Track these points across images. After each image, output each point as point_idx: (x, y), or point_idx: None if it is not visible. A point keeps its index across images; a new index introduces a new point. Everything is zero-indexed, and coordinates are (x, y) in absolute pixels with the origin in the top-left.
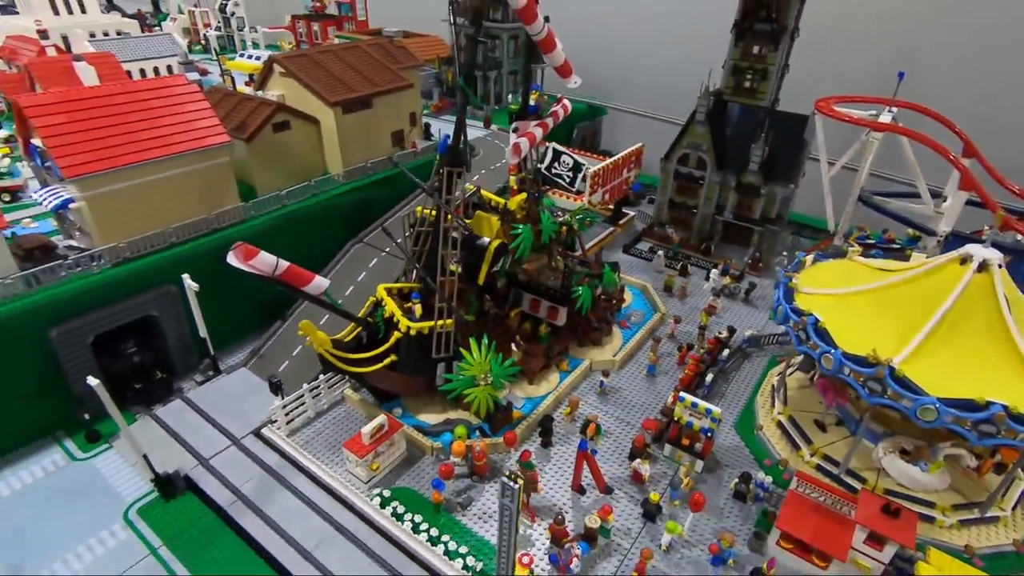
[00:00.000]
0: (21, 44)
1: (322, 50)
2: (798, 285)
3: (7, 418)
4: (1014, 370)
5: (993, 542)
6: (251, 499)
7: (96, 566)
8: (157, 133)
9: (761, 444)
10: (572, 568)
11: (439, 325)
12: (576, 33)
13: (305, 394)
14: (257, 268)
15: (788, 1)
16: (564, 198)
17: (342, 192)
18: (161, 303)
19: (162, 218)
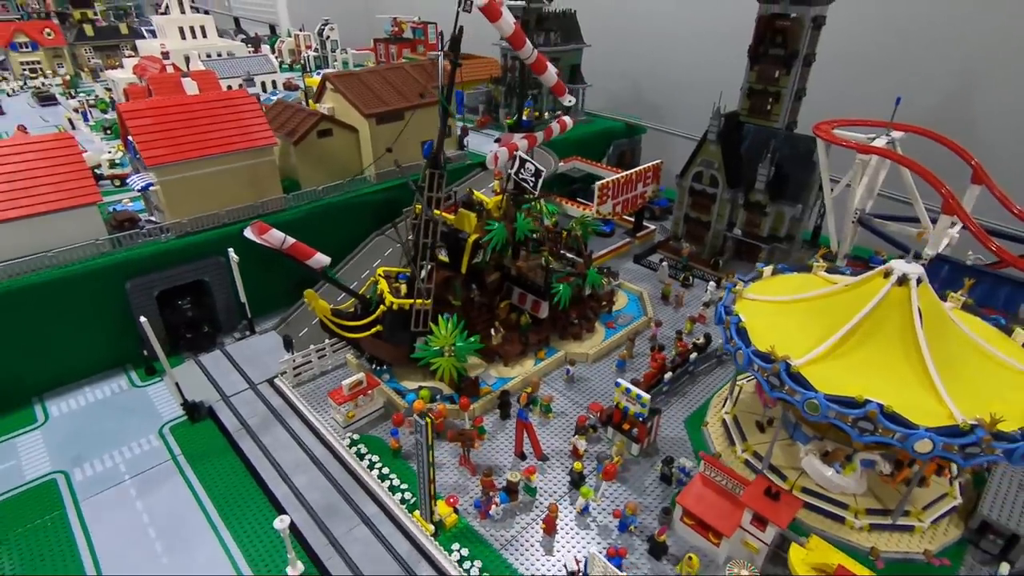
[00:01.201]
0: (150, 63)
1: (369, 71)
2: (742, 291)
3: (92, 348)
4: (917, 377)
5: (901, 548)
6: (253, 429)
7: (130, 463)
8: (219, 134)
9: (704, 439)
10: (491, 514)
11: (418, 303)
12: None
13: (312, 354)
14: (268, 241)
15: (798, 29)
16: (572, 206)
17: (372, 191)
18: (212, 270)
19: (217, 202)
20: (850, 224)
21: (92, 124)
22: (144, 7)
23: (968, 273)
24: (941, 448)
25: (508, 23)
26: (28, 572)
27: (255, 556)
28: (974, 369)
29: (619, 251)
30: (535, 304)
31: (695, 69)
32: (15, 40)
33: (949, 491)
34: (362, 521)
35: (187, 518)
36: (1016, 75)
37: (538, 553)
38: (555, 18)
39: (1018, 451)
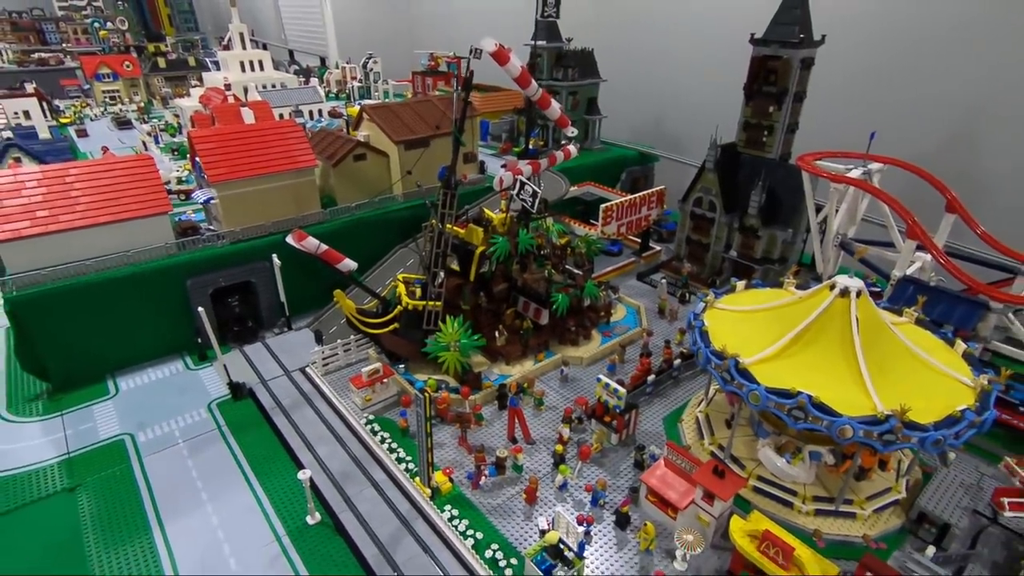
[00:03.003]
0: (214, 94)
1: (402, 104)
2: (712, 302)
3: (156, 335)
4: (851, 375)
5: (842, 532)
6: (285, 407)
7: (183, 430)
8: (268, 156)
9: (678, 433)
10: (481, 484)
11: (430, 305)
12: (638, 88)
13: (339, 348)
14: (305, 247)
15: (788, 69)
16: (580, 226)
17: (399, 208)
18: (258, 273)
19: (265, 214)
20: (832, 247)
21: (162, 146)
22: (209, 40)
23: (925, 292)
24: (861, 434)
25: (515, 67)
26: (103, 509)
27: (281, 506)
28: (903, 371)
29: (624, 269)
30: (537, 311)
31: (703, 103)
32: (99, 72)
33: (895, 486)
34: (371, 484)
35: (227, 475)
36: (1002, 112)
37: (519, 518)
38: (573, 55)
39: (929, 438)
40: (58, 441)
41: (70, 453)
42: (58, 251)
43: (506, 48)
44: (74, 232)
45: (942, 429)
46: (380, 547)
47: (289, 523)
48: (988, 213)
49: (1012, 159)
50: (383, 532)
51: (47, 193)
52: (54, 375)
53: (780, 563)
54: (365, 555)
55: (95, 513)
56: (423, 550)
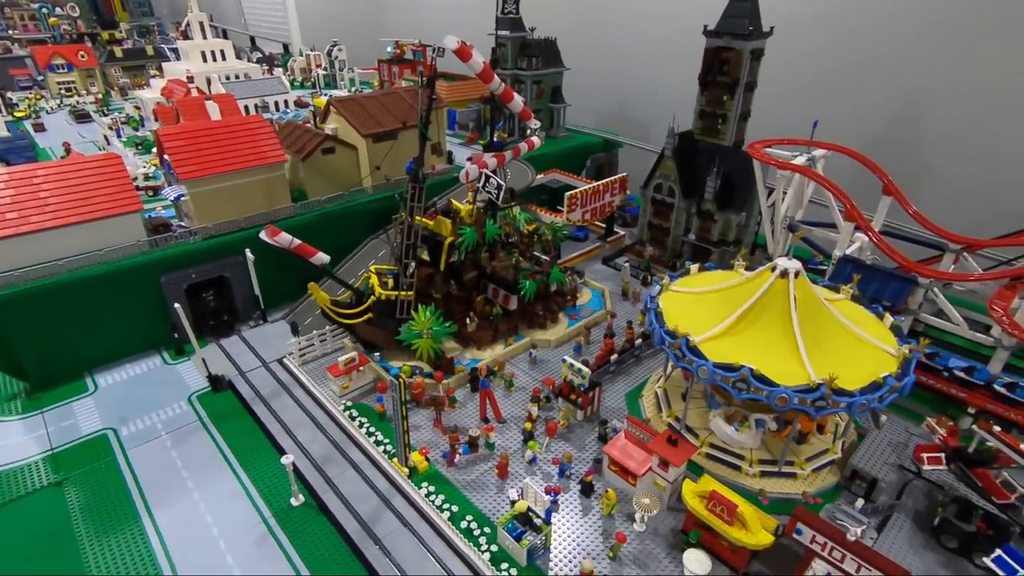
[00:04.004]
0: (176, 86)
1: (368, 95)
2: (668, 285)
3: (132, 332)
4: (790, 349)
5: (784, 490)
6: (265, 397)
7: (165, 422)
8: (237, 153)
9: (639, 408)
10: (456, 462)
11: (402, 294)
12: (602, 77)
13: (315, 338)
14: (278, 242)
15: (739, 60)
16: (547, 214)
17: (369, 200)
18: (232, 268)
19: (236, 210)
20: (782, 229)
21: (124, 140)
22: (166, 26)
23: (862, 270)
24: (796, 402)
25: (477, 63)
26: (91, 501)
27: (265, 490)
28: (836, 343)
29: (590, 254)
30: (506, 298)
31: (663, 90)
32: (53, 62)
33: (831, 448)
34: (351, 466)
35: (211, 463)
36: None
37: (492, 491)
38: (537, 45)
39: (855, 402)
40: (41, 438)
41: (54, 449)
42: (30, 252)
43: (468, 44)
44: (45, 233)
45: (867, 394)
46: (362, 523)
47: (274, 505)
48: (924, 195)
49: (944, 145)
50: (364, 509)
51: (15, 195)
52: (32, 374)
53: (725, 519)
54: (348, 531)
55: (84, 505)
56: (402, 524)
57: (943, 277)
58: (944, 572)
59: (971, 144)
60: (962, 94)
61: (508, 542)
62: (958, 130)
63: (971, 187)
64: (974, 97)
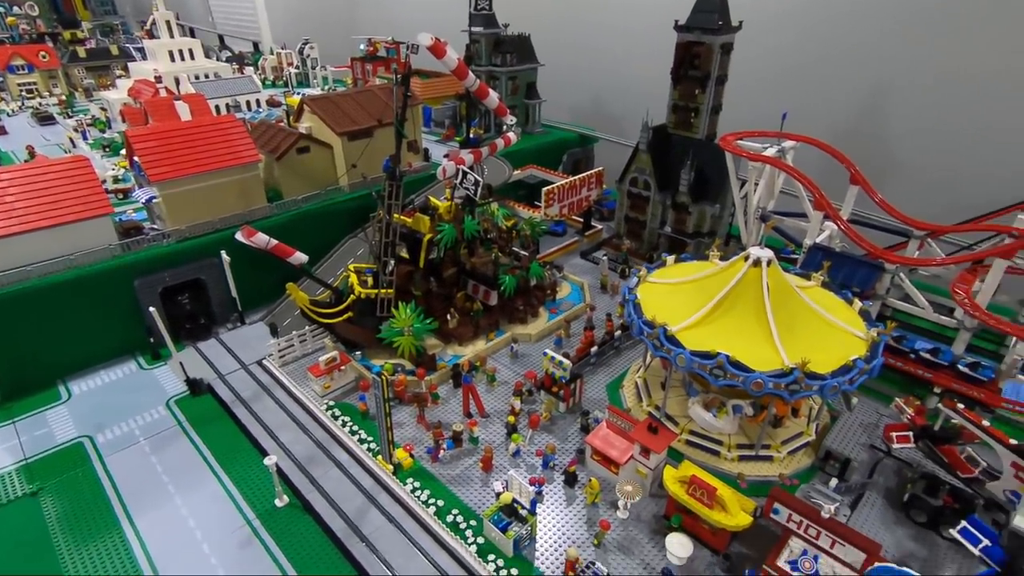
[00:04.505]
0: (144, 86)
1: (342, 94)
2: (645, 276)
3: (106, 338)
4: (764, 336)
5: (762, 473)
6: (245, 399)
7: (143, 428)
8: (210, 153)
9: (619, 397)
10: (440, 458)
11: (382, 292)
12: (577, 72)
13: (294, 339)
14: (255, 243)
15: (710, 54)
16: (525, 209)
17: (346, 199)
18: (207, 270)
19: (211, 211)
20: (755, 220)
21: (91, 142)
22: (130, 25)
23: (832, 258)
24: (771, 386)
25: (452, 59)
26: (69, 511)
27: (249, 493)
28: (807, 328)
29: (568, 248)
30: (486, 293)
31: (637, 84)
32: (12, 63)
33: (806, 430)
34: (335, 465)
35: (192, 467)
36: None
37: (477, 485)
38: (511, 41)
39: (827, 385)
40: (13, 448)
41: (28, 459)
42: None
43: (442, 41)
44: (13, 238)
45: (837, 377)
46: (348, 521)
47: (258, 507)
48: (889, 184)
49: (908, 136)
50: (350, 508)
51: None
52: (2, 383)
53: (706, 503)
54: (334, 529)
55: (61, 514)
56: (388, 520)
57: (909, 263)
58: (914, 545)
59: (934, 135)
60: (925, 88)
61: (494, 534)
62: (921, 122)
63: (933, 176)
64: (936, 91)
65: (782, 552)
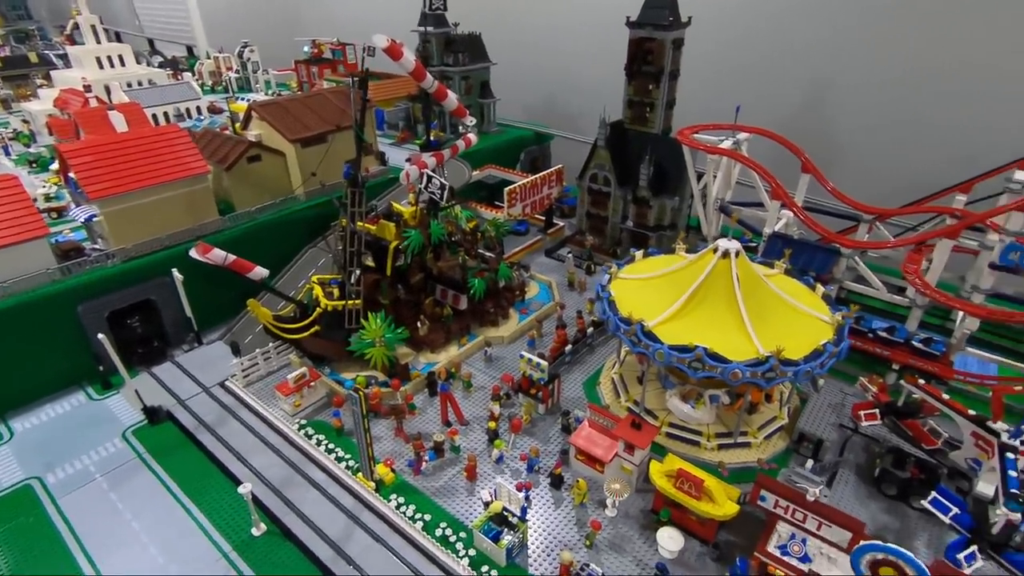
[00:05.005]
0: (72, 96)
1: (291, 99)
2: (616, 273)
3: (49, 368)
4: (737, 326)
5: (741, 460)
6: (210, 425)
7: (98, 463)
8: (154, 166)
9: (597, 395)
10: (423, 470)
11: (349, 304)
12: (530, 70)
13: (258, 357)
14: (211, 260)
15: (662, 50)
16: (487, 210)
17: (303, 208)
18: (158, 290)
19: (158, 227)
20: (714, 211)
21: (15, 158)
22: (48, 30)
23: (791, 245)
24: (748, 375)
25: (409, 61)
26: (22, 563)
27: (222, 523)
28: (777, 316)
29: (532, 247)
30: (455, 298)
31: (591, 80)
32: None
33: (779, 415)
34: (313, 486)
35: (158, 502)
36: (851, 84)
37: (463, 495)
38: (462, 40)
39: (800, 370)
40: None
41: None
42: None
43: (398, 43)
44: None
45: (810, 362)
46: (332, 544)
47: (234, 538)
48: (837, 171)
49: (851, 124)
50: (332, 530)
51: None
52: None
53: (694, 495)
54: (317, 554)
55: (15, 566)
56: (374, 539)
57: (865, 246)
58: (887, 518)
59: (874, 124)
60: (865, 80)
61: (486, 544)
62: (863, 112)
63: (877, 162)
64: (878, 81)
65: (771, 538)
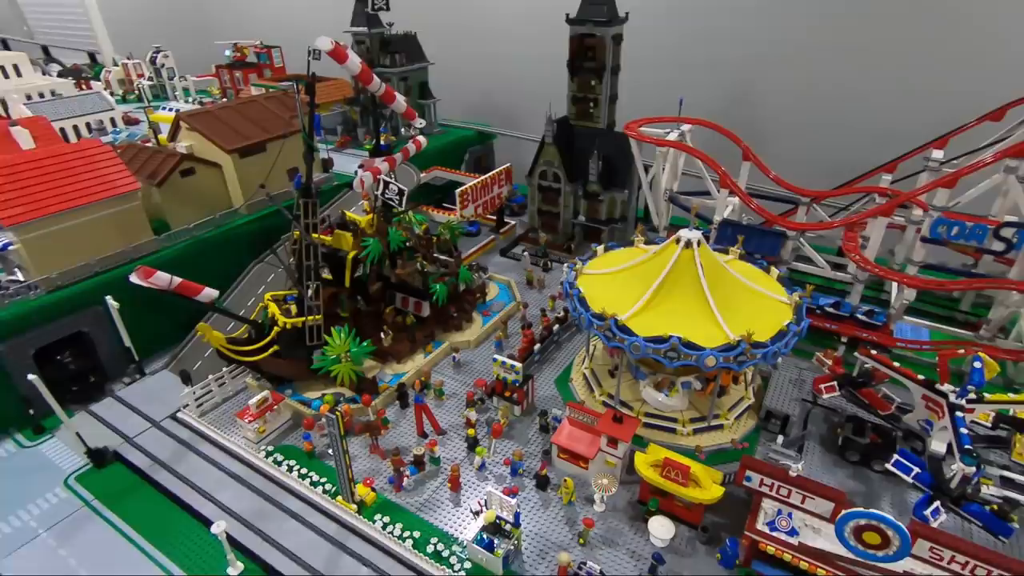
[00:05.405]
0: None
1: (223, 107)
2: (581, 269)
3: None
4: (704, 316)
5: (716, 442)
6: (166, 462)
7: (40, 518)
8: (77, 186)
9: (571, 391)
10: (404, 486)
11: (309, 320)
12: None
13: (211, 383)
14: (155, 284)
15: (602, 47)
16: (439, 213)
17: (246, 222)
18: (90, 321)
19: (87, 252)
20: (663, 202)
21: None
22: None
23: (742, 231)
24: (722, 360)
25: (355, 63)
26: None
27: (193, 568)
28: (741, 301)
29: (486, 248)
30: (417, 305)
31: (531, 78)
32: None
33: (745, 394)
34: (290, 516)
35: (118, 553)
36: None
37: (449, 507)
38: (398, 41)
39: (769, 352)
40: None
41: None
42: None
43: (343, 45)
44: None
45: (777, 343)
46: (318, 575)
47: None
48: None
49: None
50: (317, 559)
51: None
52: None
53: (680, 481)
54: None
55: None
56: (363, 564)
57: (807, 228)
58: (853, 483)
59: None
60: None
61: (481, 555)
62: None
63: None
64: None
65: (758, 516)
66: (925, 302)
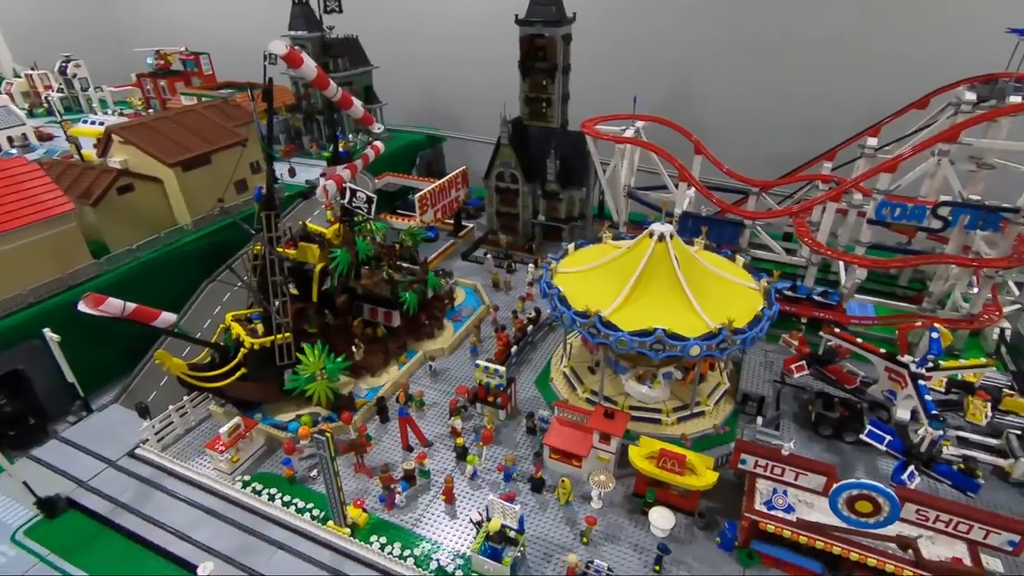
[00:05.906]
0: None
1: (158, 118)
2: (556, 268)
3: None
4: (683, 306)
5: (699, 428)
6: (130, 504)
7: None
8: (2, 209)
9: (552, 391)
10: (397, 503)
11: (278, 338)
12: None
13: (172, 414)
14: (107, 312)
15: (553, 46)
16: (398, 220)
17: (194, 239)
18: (26, 357)
19: (17, 282)
20: (622, 198)
21: None
22: None
23: (703, 222)
24: (706, 349)
25: (310, 68)
26: None
27: None
28: (715, 290)
29: (447, 252)
30: (387, 315)
31: (480, 81)
32: None
33: (720, 380)
34: (278, 548)
35: None
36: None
37: (445, 520)
38: (340, 44)
39: (748, 338)
40: None
41: None
42: None
43: (297, 49)
44: None
45: (754, 328)
46: None
47: None
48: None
49: (724, 106)
50: None
51: None
52: None
53: (678, 471)
54: None
55: None
56: None
57: (762, 216)
58: (828, 456)
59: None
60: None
61: (487, 565)
62: (731, 93)
63: (751, 139)
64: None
65: (754, 497)
66: (868, 280)
